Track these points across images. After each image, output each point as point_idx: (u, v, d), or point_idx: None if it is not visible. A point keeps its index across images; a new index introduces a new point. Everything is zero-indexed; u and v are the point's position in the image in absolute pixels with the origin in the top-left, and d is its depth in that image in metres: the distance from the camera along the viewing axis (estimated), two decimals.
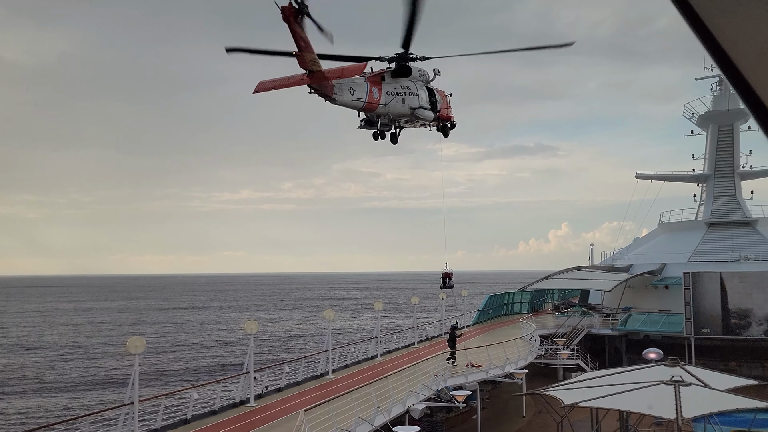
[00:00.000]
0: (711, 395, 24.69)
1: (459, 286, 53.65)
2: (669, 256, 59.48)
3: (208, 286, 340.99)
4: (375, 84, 17.29)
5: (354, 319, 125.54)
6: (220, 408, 26.24)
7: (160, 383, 58.47)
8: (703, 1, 1.68)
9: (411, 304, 48.04)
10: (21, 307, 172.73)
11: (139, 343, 21.74)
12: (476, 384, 33.94)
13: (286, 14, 13.08)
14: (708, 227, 62.15)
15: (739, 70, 1.80)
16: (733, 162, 64.79)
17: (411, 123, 19.20)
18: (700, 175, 66.71)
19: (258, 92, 15.39)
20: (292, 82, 15.25)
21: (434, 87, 19.37)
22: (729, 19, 1.69)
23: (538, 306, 67.55)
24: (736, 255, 55.65)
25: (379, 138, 18.49)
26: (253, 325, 28.34)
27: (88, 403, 50.82)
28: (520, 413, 38.69)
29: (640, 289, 57.91)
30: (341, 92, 16.12)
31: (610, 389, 25.59)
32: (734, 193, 64.21)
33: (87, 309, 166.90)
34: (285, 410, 26.14)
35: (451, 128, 20.70)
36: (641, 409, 24.32)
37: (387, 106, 17.56)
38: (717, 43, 1.76)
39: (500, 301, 64.39)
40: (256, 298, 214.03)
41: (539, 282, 61.73)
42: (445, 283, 30.57)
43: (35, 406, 52.32)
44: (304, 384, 31.66)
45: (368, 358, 38.99)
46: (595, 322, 53.96)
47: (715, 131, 65.11)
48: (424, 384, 30.41)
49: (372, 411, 24.79)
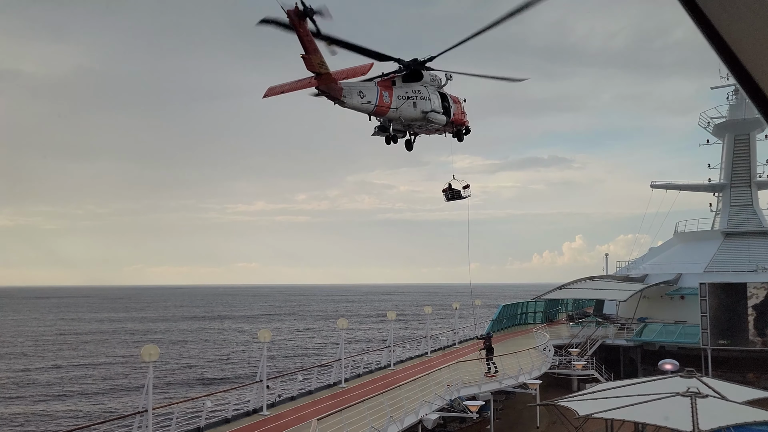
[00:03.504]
0: (728, 407, 24.38)
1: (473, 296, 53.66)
2: (685, 266, 58.87)
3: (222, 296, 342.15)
4: (386, 88, 17.35)
5: (367, 328, 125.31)
6: (233, 416, 26.30)
7: (173, 391, 58.70)
8: (717, 10, 1.69)
9: (424, 313, 48.17)
10: (37, 317, 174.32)
11: (153, 351, 21.86)
12: (490, 394, 33.72)
13: (292, 17, 13.21)
14: (724, 237, 61.50)
15: (755, 79, 1.81)
16: (750, 171, 64.16)
17: (425, 129, 19.21)
18: (716, 185, 66.09)
19: (267, 97, 15.48)
20: (301, 85, 15.32)
21: (447, 92, 19.41)
22: (743, 28, 1.70)
23: (552, 316, 67.07)
24: (753, 265, 54.97)
25: (392, 142, 18.53)
26: (266, 334, 28.37)
27: (103, 411, 51.11)
28: (534, 424, 38.36)
29: (656, 299, 57.35)
30: (350, 95, 16.15)
31: (626, 400, 25.33)
32: (751, 203, 63.57)
33: (102, 319, 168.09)
34: (298, 419, 26.12)
35: (466, 133, 20.65)
36: (657, 420, 24.03)
37: (398, 110, 17.59)
38: (732, 52, 1.77)
39: (514, 311, 64.02)
40: (270, 308, 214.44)
41: (553, 292, 61.30)
42: (452, 195, 21.30)
43: (50, 413, 52.69)
44: (317, 393, 31.64)
45: (381, 368, 38.91)
46: (609, 333, 53.48)
47: (731, 140, 64.57)
48: (437, 394, 30.27)
49: (385, 420, 24.70)
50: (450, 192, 21.04)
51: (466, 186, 21.15)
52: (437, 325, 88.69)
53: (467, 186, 21.16)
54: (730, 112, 64.53)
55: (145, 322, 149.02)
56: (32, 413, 52.54)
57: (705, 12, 1.69)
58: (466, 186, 21.15)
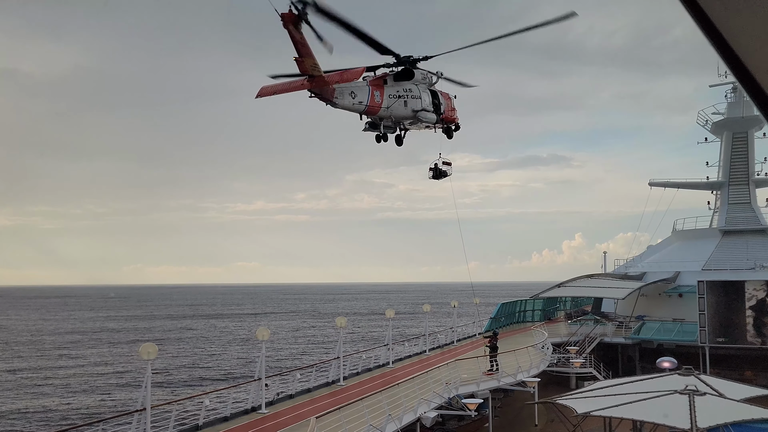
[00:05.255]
0: (726, 405, 24.40)
1: (472, 295, 53.69)
2: (683, 264, 58.90)
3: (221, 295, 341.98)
4: (377, 87, 17.42)
5: (365, 327, 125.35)
6: (232, 414, 26.29)
7: (172, 390, 58.69)
8: (717, 7, 1.68)
9: (423, 312, 48.19)
10: (36, 317, 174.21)
11: (152, 350, 21.85)
12: (488, 392, 33.74)
13: (286, 20, 13.26)
14: (722, 235, 61.52)
15: (754, 77, 1.80)
16: (748, 169, 64.17)
17: (415, 125, 19.34)
18: (715, 183, 66.09)
19: (260, 97, 15.50)
20: (294, 86, 15.40)
21: (438, 89, 19.47)
22: (743, 25, 1.69)
23: (551, 314, 67.12)
24: (751, 263, 55.02)
25: (382, 140, 18.64)
26: (264, 332, 28.36)
27: (101, 410, 51.09)
28: (532, 422, 38.41)
29: (654, 297, 57.40)
30: (342, 96, 16.27)
31: (624, 398, 25.36)
32: (749, 201, 63.58)
33: (101, 318, 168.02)
34: (296, 417, 26.15)
35: (455, 130, 20.85)
36: (655, 418, 24.06)
37: (389, 109, 17.71)
38: (731, 49, 1.76)
39: (512, 309, 64.04)
40: (269, 307, 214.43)
41: (551, 290, 61.26)
42: (437, 173, 21.96)
43: (48, 411, 52.66)
44: (316, 391, 31.64)
45: (379, 366, 38.90)
46: (608, 331, 53.52)
47: (730, 138, 64.58)
48: (436, 392, 30.28)
49: (383, 419, 24.71)
50: (436, 171, 21.84)
51: (449, 164, 22.15)
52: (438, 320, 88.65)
53: (449, 164, 22.16)
54: (728, 110, 64.54)
55: (145, 320, 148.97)
56: (30, 412, 52.52)
57: (704, 9, 1.68)
58: (449, 164, 22.15)
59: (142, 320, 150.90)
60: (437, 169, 21.71)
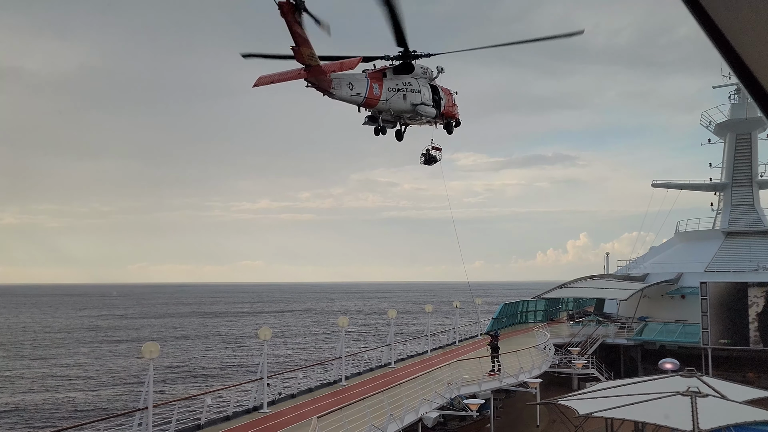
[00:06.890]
0: (728, 407, 24.36)
1: (475, 294, 53.67)
2: (686, 266, 58.81)
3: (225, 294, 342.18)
4: (376, 80, 17.41)
5: (368, 326, 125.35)
6: (234, 414, 26.31)
7: (174, 388, 58.76)
8: (719, 9, 1.68)
9: (425, 312, 48.16)
10: (40, 315, 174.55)
11: (154, 348, 21.88)
12: (490, 393, 33.71)
13: (284, 10, 13.25)
14: (725, 236, 61.41)
15: (757, 78, 1.80)
16: (751, 171, 64.05)
17: (415, 120, 19.33)
18: (718, 184, 65.96)
19: (257, 86, 15.50)
20: (290, 76, 15.38)
21: (438, 84, 19.44)
22: (746, 26, 1.69)
23: (553, 315, 67.03)
24: (754, 264, 54.93)
25: (381, 134, 18.63)
26: (266, 332, 28.37)
27: (103, 408, 51.17)
28: (534, 423, 38.37)
29: (656, 298, 57.31)
30: (339, 87, 16.24)
31: (626, 399, 25.33)
32: (752, 202, 63.46)
33: (106, 316, 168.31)
34: (298, 417, 26.15)
35: (456, 126, 20.85)
36: (657, 420, 24.03)
37: (388, 102, 17.68)
38: (734, 50, 1.76)
39: (514, 310, 63.97)
40: (272, 306, 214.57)
41: (554, 290, 61.22)
42: (428, 159, 22.04)
43: (50, 410, 52.76)
44: (317, 391, 31.64)
45: (381, 366, 38.89)
46: (610, 332, 53.44)
47: (733, 140, 64.45)
48: (438, 392, 30.27)
49: (385, 419, 24.70)
50: (427, 156, 21.84)
51: (439, 149, 22.15)
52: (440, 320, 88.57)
53: (439, 149, 22.17)
54: (731, 112, 64.36)
55: (147, 318, 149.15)
56: (31, 410, 52.61)
57: (707, 10, 1.68)
58: (439, 149, 22.15)
59: (142, 319, 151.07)
60: (428, 154, 21.72)
